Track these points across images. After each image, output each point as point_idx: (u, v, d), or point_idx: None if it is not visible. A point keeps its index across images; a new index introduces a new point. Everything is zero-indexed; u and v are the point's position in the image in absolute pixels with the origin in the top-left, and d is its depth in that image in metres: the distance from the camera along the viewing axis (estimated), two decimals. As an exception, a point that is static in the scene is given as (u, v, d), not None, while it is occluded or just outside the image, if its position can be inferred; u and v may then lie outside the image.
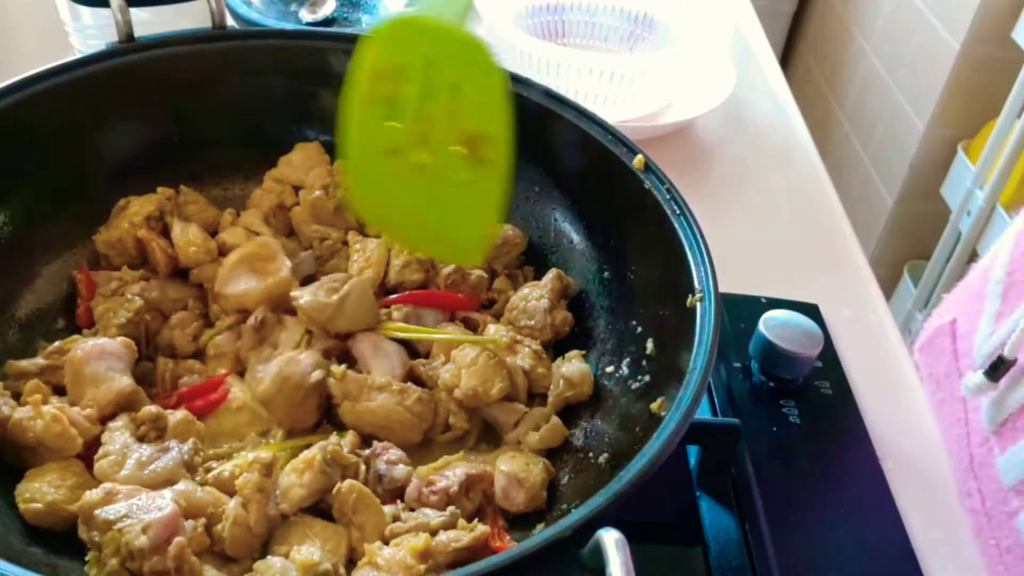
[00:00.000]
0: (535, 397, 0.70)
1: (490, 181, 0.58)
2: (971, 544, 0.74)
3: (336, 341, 0.69)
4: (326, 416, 0.67)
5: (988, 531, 0.72)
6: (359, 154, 0.61)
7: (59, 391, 0.64)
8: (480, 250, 0.63)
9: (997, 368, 0.69)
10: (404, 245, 0.72)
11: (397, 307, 0.72)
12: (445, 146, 0.58)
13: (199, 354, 0.70)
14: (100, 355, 0.64)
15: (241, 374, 0.68)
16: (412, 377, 0.69)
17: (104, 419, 0.62)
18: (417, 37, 0.57)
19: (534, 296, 0.73)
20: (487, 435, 0.69)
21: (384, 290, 0.75)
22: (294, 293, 0.68)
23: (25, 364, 0.64)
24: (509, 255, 0.78)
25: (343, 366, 0.65)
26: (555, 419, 0.67)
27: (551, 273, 0.74)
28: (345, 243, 0.78)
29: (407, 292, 0.74)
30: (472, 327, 0.73)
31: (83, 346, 0.64)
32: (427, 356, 0.71)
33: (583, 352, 0.71)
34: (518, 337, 0.71)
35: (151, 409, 0.62)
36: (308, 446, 0.63)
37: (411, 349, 0.71)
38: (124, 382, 0.63)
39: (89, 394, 0.62)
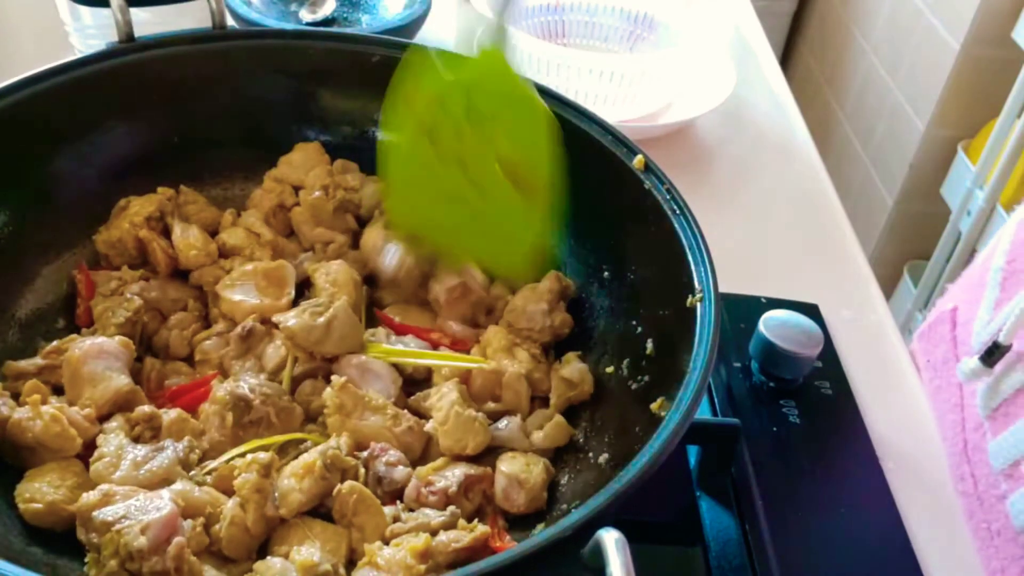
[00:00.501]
0: (534, 400, 0.70)
1: (530, 204, 0.60)
2: (971, 544, 0.74)
3: (321, 362, 0.68)
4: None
5: (980, 514, 0.72)
6: (401, 176, 0.64)
7: (58, 391, 0.64)
8: (526, 266, 0.65)
9: (992, 354, 0.70)
10: (452, 261, 0.73)
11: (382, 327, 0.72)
12: (483, 171, 0.61)
13: (191, 357, 0.70)
14: (98, 354, 0.64)
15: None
16: (408, 405, 0.69)
17: (103, 419, 0.62)
18: (462, 66, 0.61)
19: (532, 299, 0.73)
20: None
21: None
22: (278, 317, 0.67)
23: (23, 364, 0.64)
24: None
25: (344, 378, 0.64)
26: (559, 417, 0.67)
27: (549, 275, 0.74)
28: (353, 247, 0.78)
29: (398, 310, 0.74)
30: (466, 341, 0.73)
31: (81, 345, 0.64)
32: (414, 372, 0.70)
33: (579, 353, 0.71)
34: (517, 340, 0.71)
35: (145, 409, 0.62)
36: (299, 442, 0.63)
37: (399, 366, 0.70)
38: (122, 381, 0.63)
39: (87, 393, 0.62)
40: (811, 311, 0.88)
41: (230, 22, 0.80)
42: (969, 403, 0.77)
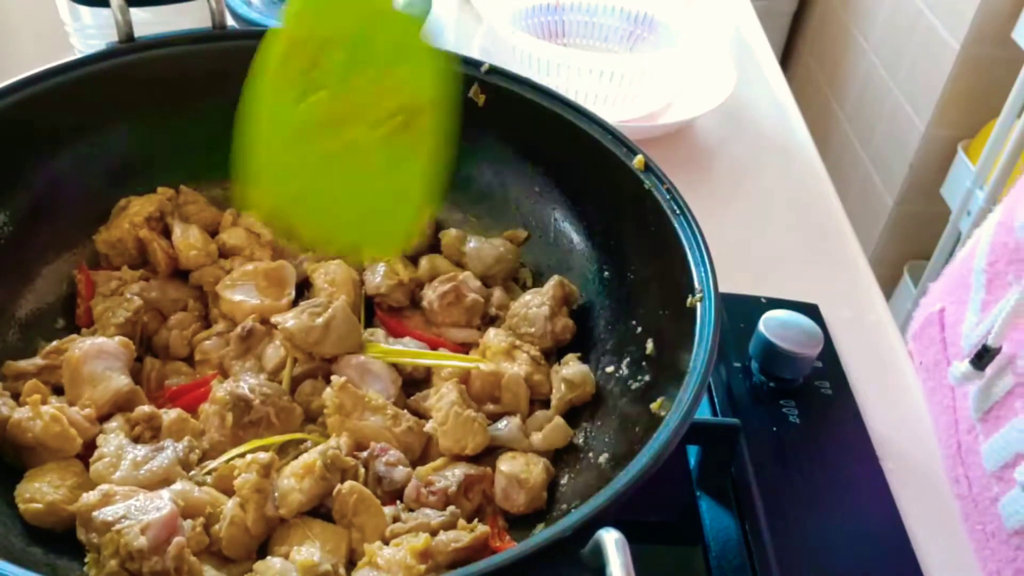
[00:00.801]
0: (534, 403, 0.70)
1: (419, 159, 0.54)
2: (971, 544, 0.74)
3: (320, 362, 0.68)
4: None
5: (975, 516, 0.73)
6: (266, 139, 0.55)
7: (58, 391, 0.64)
8: (402, 239, 0.57)
9: (982, 357, 0.70)
10: (310, 243, 0.64)
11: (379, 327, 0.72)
12: (372, 122, 0.54)
13: (191, 357, 0.70)
14: (98, 355, 0.64)
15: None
16: (408, 405, 0.69)
17: (103, 419, 0.62)
18: (344, 10, 0.54)
19: (535, 303, 0.72)
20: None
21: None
22: (276, 318, 0.67)
23: (23, 364, 0.64)
24: (502, 271, 0.77)
25: (343, 379, 0.64)
26: (558, 419, 0.67)
27: (553, 280, 0.73)
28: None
29: (395, 313, 0.74)
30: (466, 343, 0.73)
31: (81, 345, 0.64)
32: (413, 372, 0.70)
33: (579, 355, 0.71)
34: (517, 343, 0.71)
35: (145, 409, 0.62)
36: (299, 442, 0.63)
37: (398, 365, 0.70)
38: (122, 382, 0.63)
39: (87, 393, 0.62)
40: (811, 311, 0.88)
41: (230, 22, 0.80)
42: (961, 405, 0.77)
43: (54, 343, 0.66)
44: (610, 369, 0.69)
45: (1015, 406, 0.69)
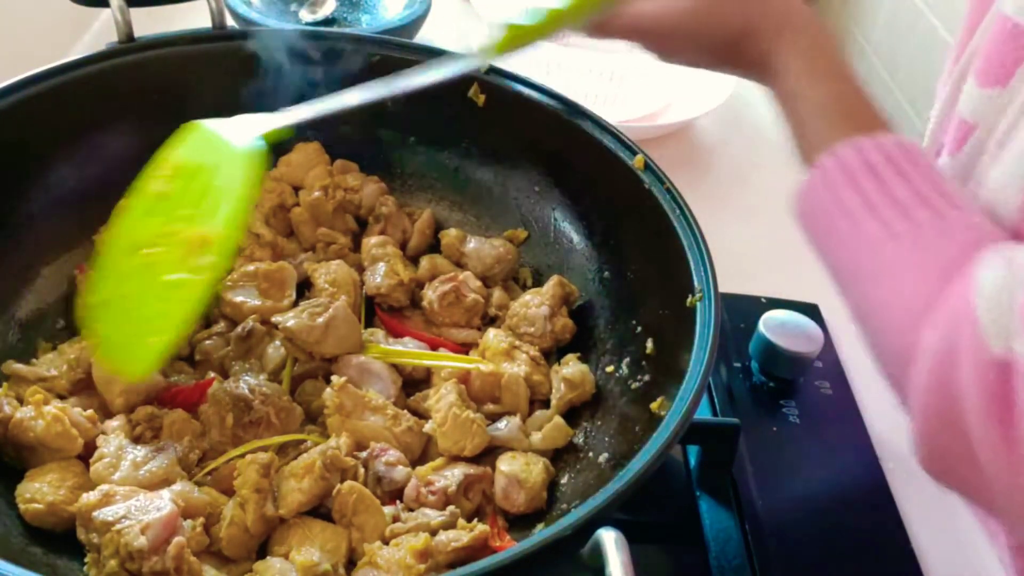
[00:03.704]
0: (533, 403, 0.70)
1: (194, 288, 0.57)
2: (971, 544, 0.74)
3: (320, 362, 0.68)
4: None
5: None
6: (115, 245, 0.61)
7: (62, 399, 0.64)
8: (151, 361, 0.58)
9: None
10: (92, 348, 0.66)
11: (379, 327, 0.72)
12: (178, 243, 0.58)
13: (191, 357, 0.70)
14: None
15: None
16: (408, 405, 0.69)
17: (131, 409, 0.63)
18: (205, 143, 0.61)
19: (535, 303, 0.72)
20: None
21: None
22: (277, 318, 0.67)
23: (39, 372, 0.65)
24: (502, 271, 0.77)
25: (343, 379, 0.65)
26: (558, 419, 0.67)
27: (552, 280, 0.73)
28: (352, 249, 0.78)
29: (395, 313, 0.74)
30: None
31: None
32: (413, 372, 0.70)
33: (578, 355, 0.71)
34: (516, 343, 0.71)
35: (146, 409, 0.62)
36: (299, 442, 0.63)
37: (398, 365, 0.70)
38: (158, 376, 0.65)
39: (124, 381, 0.63)
40: (811, 311, 0.88)
41: (230, 22, 0.80)
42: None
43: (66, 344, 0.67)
44: (610, 369, 0.69)
45: None
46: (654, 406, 0.60)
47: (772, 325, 0.81)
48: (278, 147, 0.80)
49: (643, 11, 0.63)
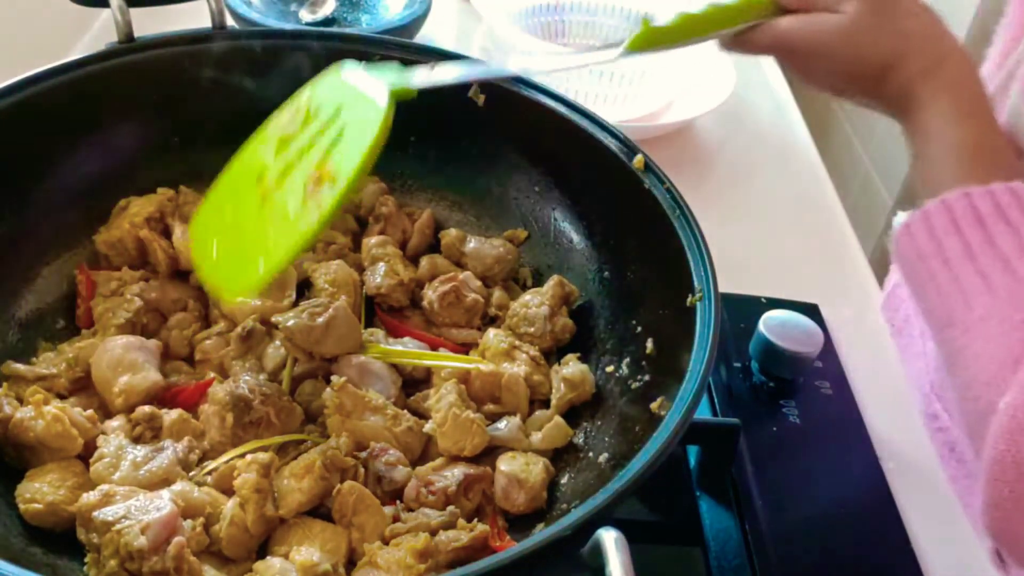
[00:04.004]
0: (533, 403, 0.70)
1: (307, 224, 0.57)
2: (971, 544, 0.74)
3: (320, 362, 0.68)
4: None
5: (959, 448, 0.73)
6: (236, 172, 0.63)
7: (62, 398, 0.64)
8: (253, 286, 0.60)
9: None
10: (198, 267, 0.67)
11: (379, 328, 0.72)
12: (300, 176, 0.59)
13: (191, 357, 0.70)
14: (140, 346, 0.65)
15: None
16: (408, 405, 0.69)
17: (129, 410, 0.63)
18: (344, 89, 0.61)
19: (535, 303, 0.72)
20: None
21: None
22: (277, 318, 0.67)
23: (38, 371, 0.65)
24: (502, 271, 0.77)
25: (343, 379, 0.65)
26: (558, 419, 0.67)
27: (552, 280, 0.73)
28: (352, 249, 0.78)
29: (395, 313, 0.74)
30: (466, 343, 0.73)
31: (120, 338, 0.65)
32: (413, 372, 0.70)
33: (578, 355, 0.71)
34: (516, 343, 0.71)
35: (145, 409, 0.62)
36: (299, 442, 0.63)
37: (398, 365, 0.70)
38: (157, 376, 0.65)
39: (125, 379, 0.63)
40: (811, 311, 0.88)
41: (230, 22, 0.80)
42: (929, 348, 0.78)
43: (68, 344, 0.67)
44: (610, 369, 0.69)
45: None
46: (654, 406, 0.60)
47: (772, 325, 0.81)
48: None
49: (792, 27, 0.61)
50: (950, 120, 0.58)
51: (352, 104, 0.60)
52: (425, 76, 0.61)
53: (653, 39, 0.62)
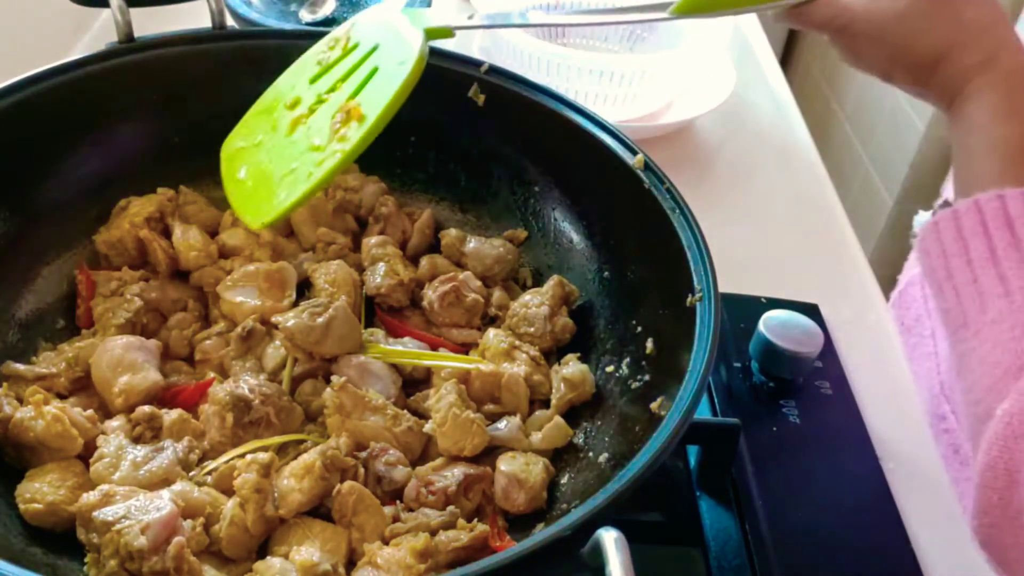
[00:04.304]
0: (533, 403, 0.70)
1: (333, 156, 0.58)
2: (971, 545, 0.74)
3: (320, 362, 0.68)
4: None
5: (965, 447, 0.72)
6: (272, 96, 0.65)
7: (62, 398, 0.64)
8: (274, 215, 0.60)
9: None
10: (227, 191, 0.67)
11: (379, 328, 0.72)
12: (328, 111, 0.60)
13: (191, 357, 0.70)
14: (140, 346, 0.65)
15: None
16: (408, 405, 0.69)
17: (129, 410, 0.63)
18: (384, 27, 0.62)
19: (535, 303, 0.72)
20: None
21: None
22: (277, 318, 0.67)
23: (37, 370, 0.65)
24: (502, 271, 0.77)
25: (343, 379, 0.65)
26: (558, 419, 0.67)
27: (552, 280, 0.73)
28: (352, 249, 0.78)
29: (395, 313, 0.74)
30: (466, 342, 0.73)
31: (120, 338, 0.65)
32: (413, 372, 0.70)
33: (578, 355, 0.71)
34: (516, 343, 0.71)
35: (145, 409, 0.62)
36: (299, 442, 0.63)
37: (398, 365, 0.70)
38: (157, 376, 0.65)
39: (125, 379, 0.63)
40: (811, 311, 0.88)
41: (230, 22, 0.80)
42: (941, 348, 0.77)
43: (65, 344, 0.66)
44: (610, 369, 0.69)
45: None
46: (654, 406, 0.60)
47: (772, 325, 0.81)
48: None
49: (848, 5, 0.58)
50: (997, 115, 0.56)
51: (389, 44, 0.60)
52: (463, 20, 0.63)
53: (703, 2, 0.61)
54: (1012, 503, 0.48)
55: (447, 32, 0.61)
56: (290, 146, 0.60)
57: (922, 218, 0.61)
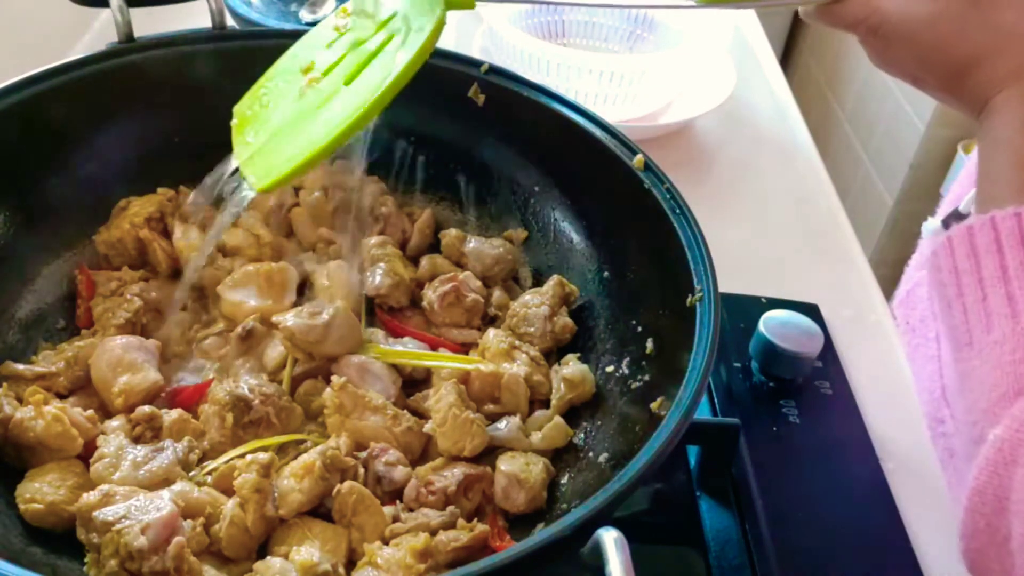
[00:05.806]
0: (533, 403, 0.70)
1: (344, 120, 0.58)
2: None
3: (320, 362, 0.68)
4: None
5: (958, 457, 0.72)
6: (288, 58, 0.65)
7: (61, 398, 0.64)
8: (282, 178, 0.58)
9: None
10: (236, 153, 0.66)
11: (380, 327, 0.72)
12: (339, 74, 0.60)
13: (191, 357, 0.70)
14: (140, 346, 0.65)
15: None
16: (408, 405, 0.69)
17: (129, 409, 0.63)
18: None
19: (535, 303, 0.72)
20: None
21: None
22: (277, 317, 0.67)
23: (37, 369, 0.65)
24: (502, 271, 0.77)
25: (343, 379, 0.65)
26: (558, 419, 0.67)
27: (552, 280, 0.73)
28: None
29: (395, 313, 0.74)
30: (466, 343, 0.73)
31: (119, 338, 0.65)
32: (413, 372, 0.70)
33: (578, 355, 0.71)
34: (516, 343, 0.71)
35: (145, 409, 0.62)
36: (299, 442, 0.63)
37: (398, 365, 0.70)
38: (157, 375, 0.65)
39: (125, 379, 0.63)
40: (811, 311, 0.88)
41: (230, 22, 0.80)
42: (944, 353, 0.76)
43: (65, 343, 0.66)
44: (610, 369, 0.69)
45: None
46: (654, 406, 0.60)
47: (772, 325, 0.81)
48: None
49: (880, 6, 0.57)
50: (1022, 129, 0.53)
51: (408, 12, 0.60)
52: None
53: None
54: (999, 530, 0.48)
55: (469, 3, 0.61)
56: (301, 110, 0.60)
57: (931, 224, 0.60)
